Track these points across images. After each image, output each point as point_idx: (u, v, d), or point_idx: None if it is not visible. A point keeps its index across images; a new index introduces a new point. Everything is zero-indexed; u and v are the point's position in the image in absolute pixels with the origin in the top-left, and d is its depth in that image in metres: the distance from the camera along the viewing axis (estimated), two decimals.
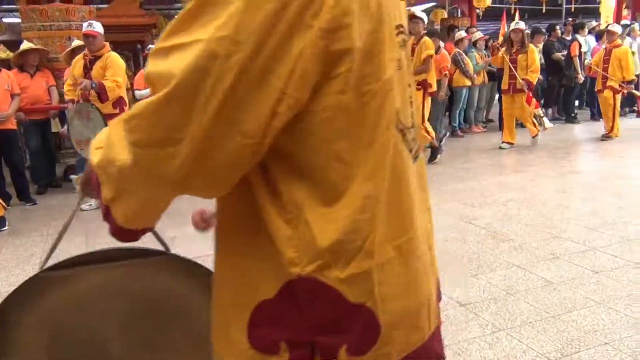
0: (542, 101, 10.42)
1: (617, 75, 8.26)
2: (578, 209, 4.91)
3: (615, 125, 8.36)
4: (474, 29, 10.81)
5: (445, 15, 15.26)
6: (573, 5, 14.22)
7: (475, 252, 3.98)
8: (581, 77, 10.27)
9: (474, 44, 9.74)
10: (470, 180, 6.28)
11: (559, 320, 2.91)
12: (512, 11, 14.14)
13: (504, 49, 8.05)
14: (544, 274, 3.52)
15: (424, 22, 7.12)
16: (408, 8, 8.84)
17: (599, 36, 10.80)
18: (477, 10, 15.05)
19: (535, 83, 8.04)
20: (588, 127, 9.96)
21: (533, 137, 8.03)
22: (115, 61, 5.78)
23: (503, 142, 8.11)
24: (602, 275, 3.45)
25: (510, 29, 8.13)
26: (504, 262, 3.74)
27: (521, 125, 8.63)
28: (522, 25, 8.13)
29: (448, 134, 8.61)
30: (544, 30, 10.78)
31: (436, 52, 7.48)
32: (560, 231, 4.33)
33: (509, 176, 6.43)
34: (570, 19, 13.24)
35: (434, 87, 7.14)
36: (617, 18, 13.26)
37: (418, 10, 7.83)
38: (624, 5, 13.76)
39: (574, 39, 10.61)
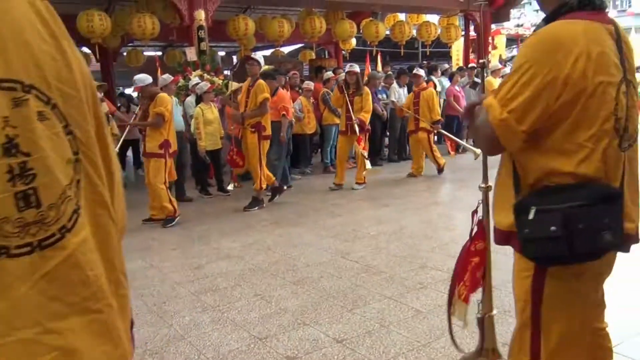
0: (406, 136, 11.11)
1: (427, 117, 8.62)
2: (441, 238, 5.25)
3: (437, 160, 8.78)
4: (341, 70, 11.31)
5: (314, 56, 15.90)
6: (428, 50, 15.49)
7: (349, 286, 4.08)
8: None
9: None
10: (343, 215, 6.48)
11: (429, 348, 3.04)
12: (375, 53, 15.10)
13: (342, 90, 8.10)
14: (413, 303, 3.68)
15: (259, 64, 7.05)
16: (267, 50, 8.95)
17: (451, 77, 11.85)
18: (343, 52, 15.87)
19: (367, 123, 8.10)
20: (447, 161, 10.77)
21: (336, 183, 8.13)
22: None
23: (334, 184, 8.12)
24: None
25: (346, 71, 8.23)
26: (377, 295, 3.87)
27: (392, 159, 9.12)
28: (356, 68, 8.18)
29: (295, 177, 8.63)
30: (407, 70, 11.62)
31: (274, 94, 7.46)
32: (426, 260, 4.59)
33: (379, 210, 6.73)
34: (425, 62, 14.42)
35: (269, 131, 7.01)
36: (465, 61, 14.69)
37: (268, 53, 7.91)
38: (470, 50, 15.28)
39: (429, 80, 11.50)
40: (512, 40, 18.54)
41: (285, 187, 7.51)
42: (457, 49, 16.47)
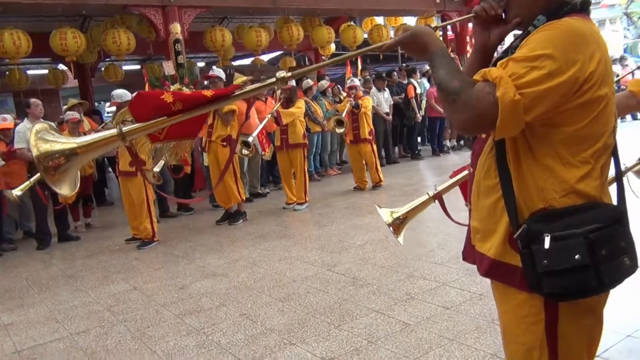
0: (390, 140, 11.11)
1: (366, 128, 8.43)
2: (427, 245, 5.20)
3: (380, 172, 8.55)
4: (323, 80, 11.24)
5: (294, 64, 15.83)
6: None
7: (336, 301, 4.02)
8: (419, 117, 11.17)
9: (323, 92, 10.16)
10: (329, 225, 6.42)
11: None
12: (355, 57, 15.05)
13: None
14: (401, 316, 3.63)
15: (222, 79, 6.91)
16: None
17: (430, 79, 11.85)
18: (323, 57, 15.81)
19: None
20: (431, 163, 10.80)
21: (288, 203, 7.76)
22: None
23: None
24: (452, 311, 3.64)
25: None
26: (364, 309, 3.81)
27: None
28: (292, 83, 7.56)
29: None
30: (384, 75, 11.60)
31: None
32: (413, 270, 4.54)
33: (364, 218, 6.68)
34: (404, 64, 14.43)
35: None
36: None
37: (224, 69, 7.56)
38: (450, 50, 15.29)
39: (409, 83, 11.52)
40: None
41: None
42: None
